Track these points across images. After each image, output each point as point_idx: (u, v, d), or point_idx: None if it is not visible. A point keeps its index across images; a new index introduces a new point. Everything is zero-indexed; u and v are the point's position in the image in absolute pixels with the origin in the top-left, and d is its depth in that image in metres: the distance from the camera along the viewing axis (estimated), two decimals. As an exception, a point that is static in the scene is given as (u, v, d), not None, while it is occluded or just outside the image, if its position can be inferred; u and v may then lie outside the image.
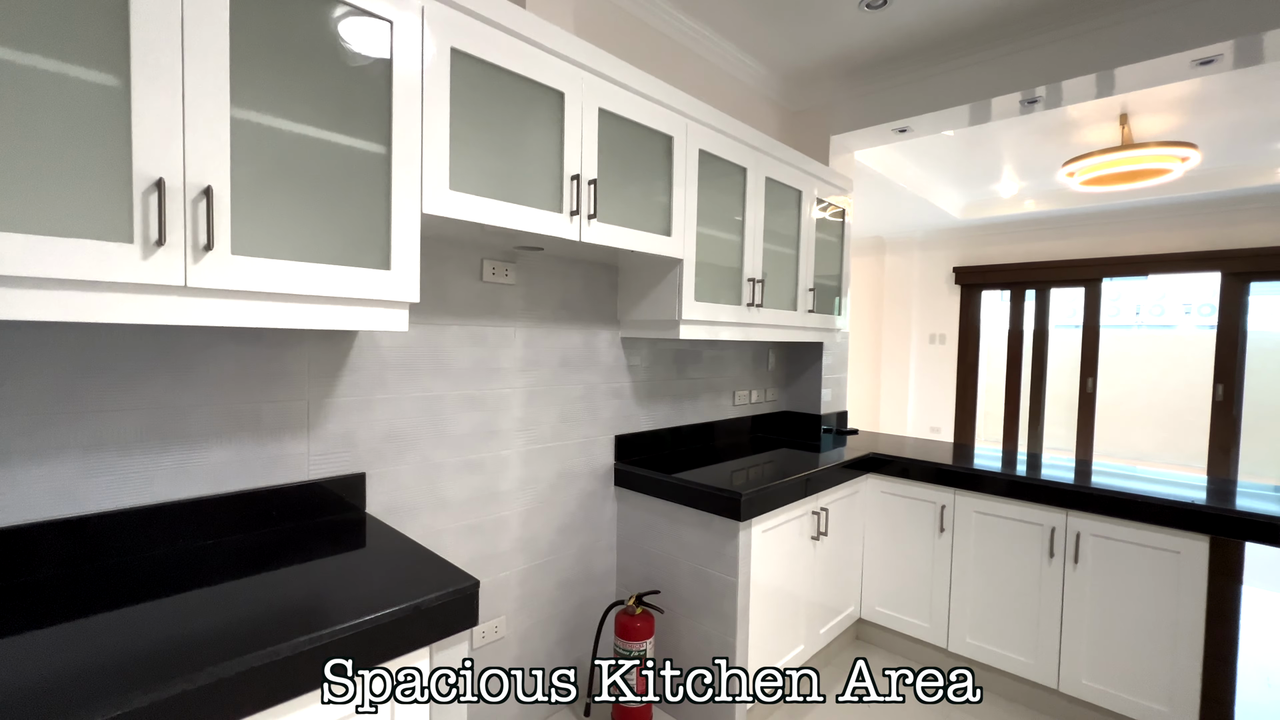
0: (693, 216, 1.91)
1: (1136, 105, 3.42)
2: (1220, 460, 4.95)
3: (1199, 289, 5.67)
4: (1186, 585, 1.80)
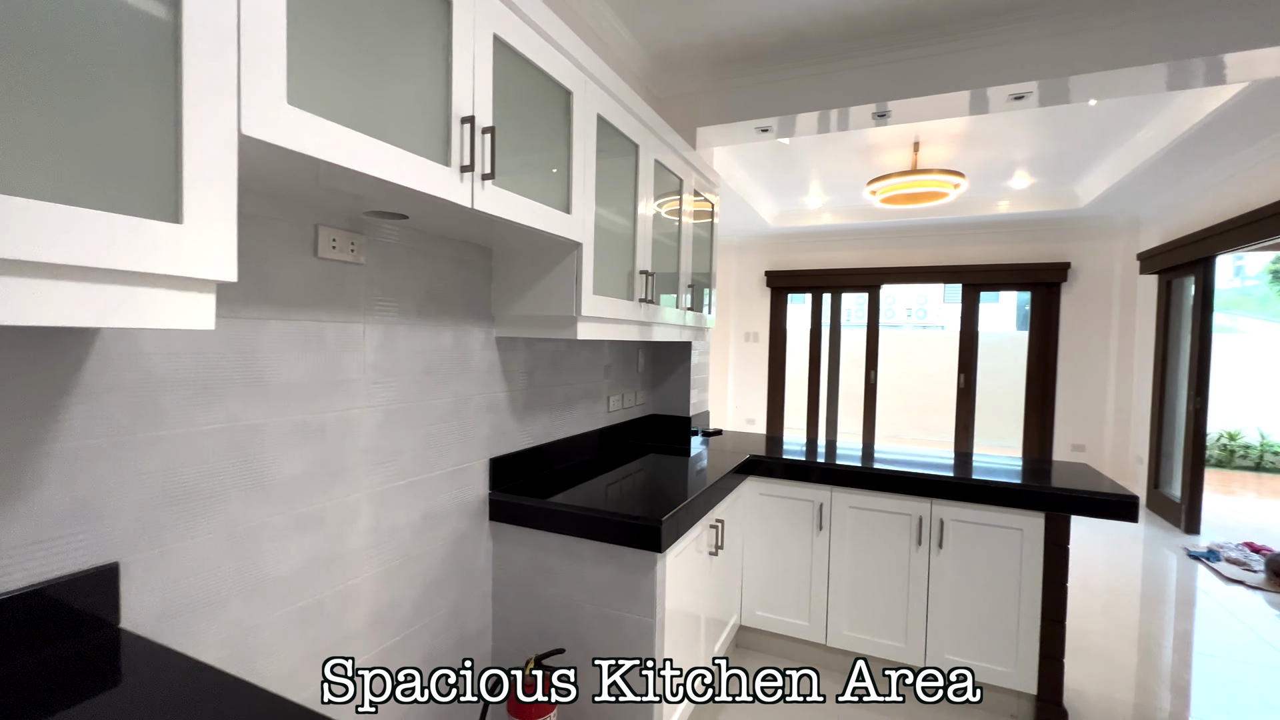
0: (591, 193, 1.60)
1: (927, 135, 3.97)
2: (963, 436, 6.11)
3: (949, 296, 6.97)
4: (1028, 558, 2.03)
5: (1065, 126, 3.74)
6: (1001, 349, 6.10)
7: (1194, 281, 4.35)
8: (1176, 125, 3.39)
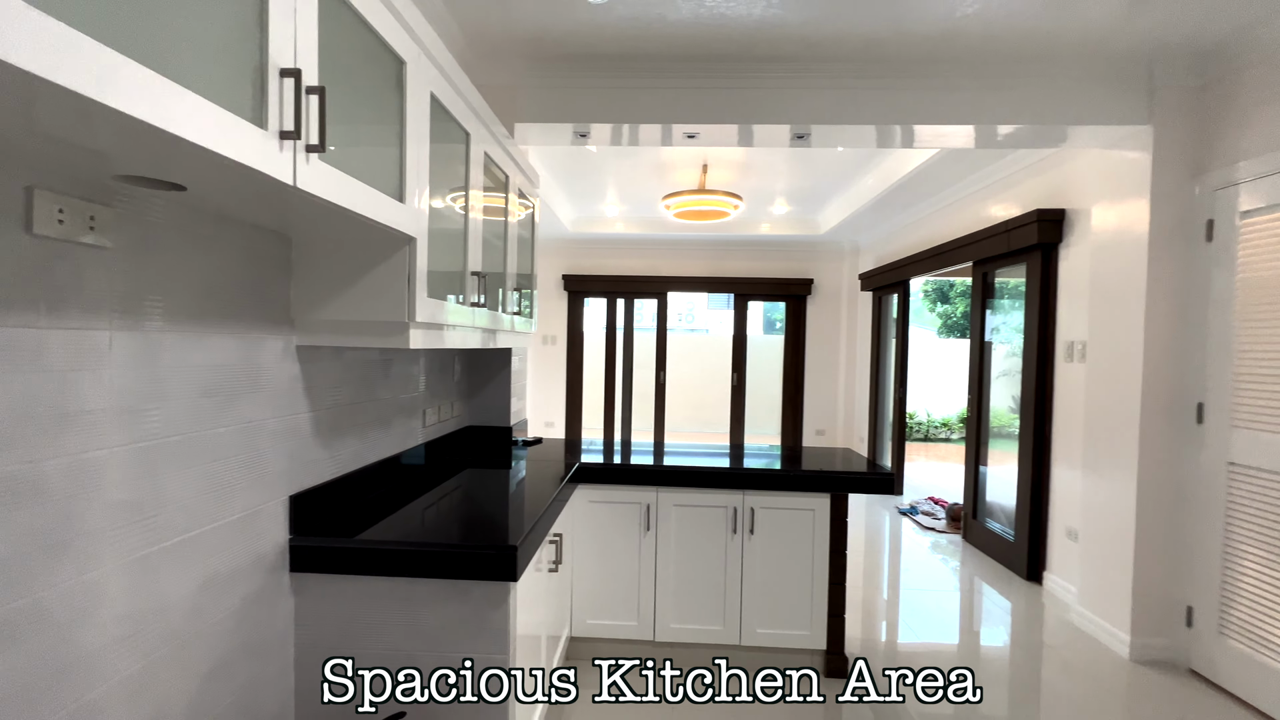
0: (426, 182, 1.40)
1: (714, 159, 4.39)
2: (737, 428, 6.93)
3: (713, 303, 7.83)
4: (819, 533, 2.37)
5: (816, 166, 4.48)
6: (760, 351, 7.08)
7: (897, 298, 5.59)
8: (889, 176, 4.30)
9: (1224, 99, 2.44)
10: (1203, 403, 2.49)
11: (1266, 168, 2.24)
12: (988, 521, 4.04)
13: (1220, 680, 2.38)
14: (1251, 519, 2.28)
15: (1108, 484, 2.77)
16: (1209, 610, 2.44)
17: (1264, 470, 2.24)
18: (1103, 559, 2.79)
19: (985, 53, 2.52)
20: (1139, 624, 2.60)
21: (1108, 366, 2.79)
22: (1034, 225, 3.39)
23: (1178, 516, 2.58)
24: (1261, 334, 2.27)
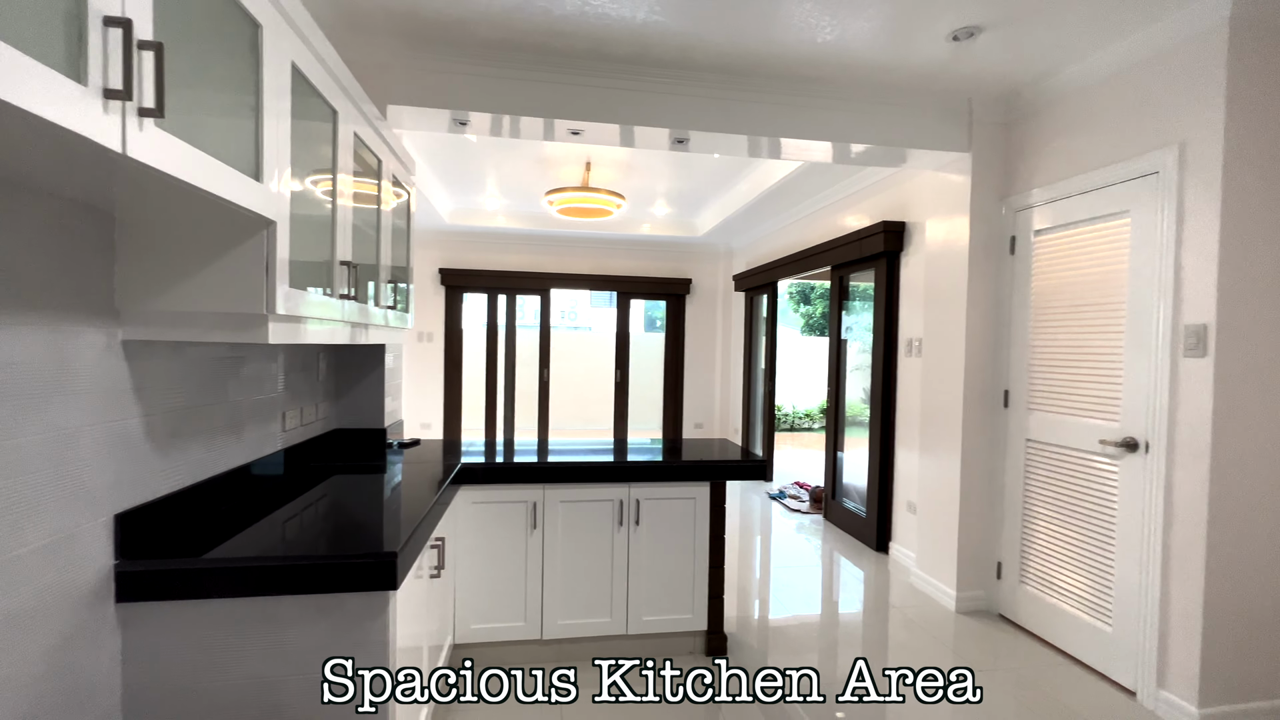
0: (287, 160, 1.28)
1: (597, 157, 4.42)
2: (620, 423, 7.05)
3: (596, 301, 7.89)
4: (700, 521, 2.49)
5: (695, 170, 4.68)
6: (642, 348, 7.26)
7: (766, 298, 6.00)
8: (759, 184, 4.61)
9: (1024, 135, 2.92)
10: (1008, 390, 2.97)
11: (1053, 195, 2.72)
12: (845, 501, 4.49)
13: (1021, 621, 2.86)
14: (1043, 485, 2.76)
15: (938, 462, 3.20)
16: (1013, 563, 2.91)
17: (1051, 444, 2.72)
18: (935, 527, 3.22)
19: (842, 78, 2.79)
20: (962, 580, 3.04)
21: (938, 361, 3.22)
22: (880, 235, 3.82)
23: (991, 487, 3.05)
24: (1049, 332, 2.75)
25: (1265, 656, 2.13)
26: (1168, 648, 2.18)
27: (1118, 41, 2.36)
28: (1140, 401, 2.30)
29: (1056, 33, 2.34)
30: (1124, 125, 2.40)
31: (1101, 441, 2.44)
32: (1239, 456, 2.07)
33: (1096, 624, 2.47)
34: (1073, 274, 2.63)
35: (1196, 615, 2.09)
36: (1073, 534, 2.60)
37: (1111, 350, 2.43)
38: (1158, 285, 2.24)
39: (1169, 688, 2.17)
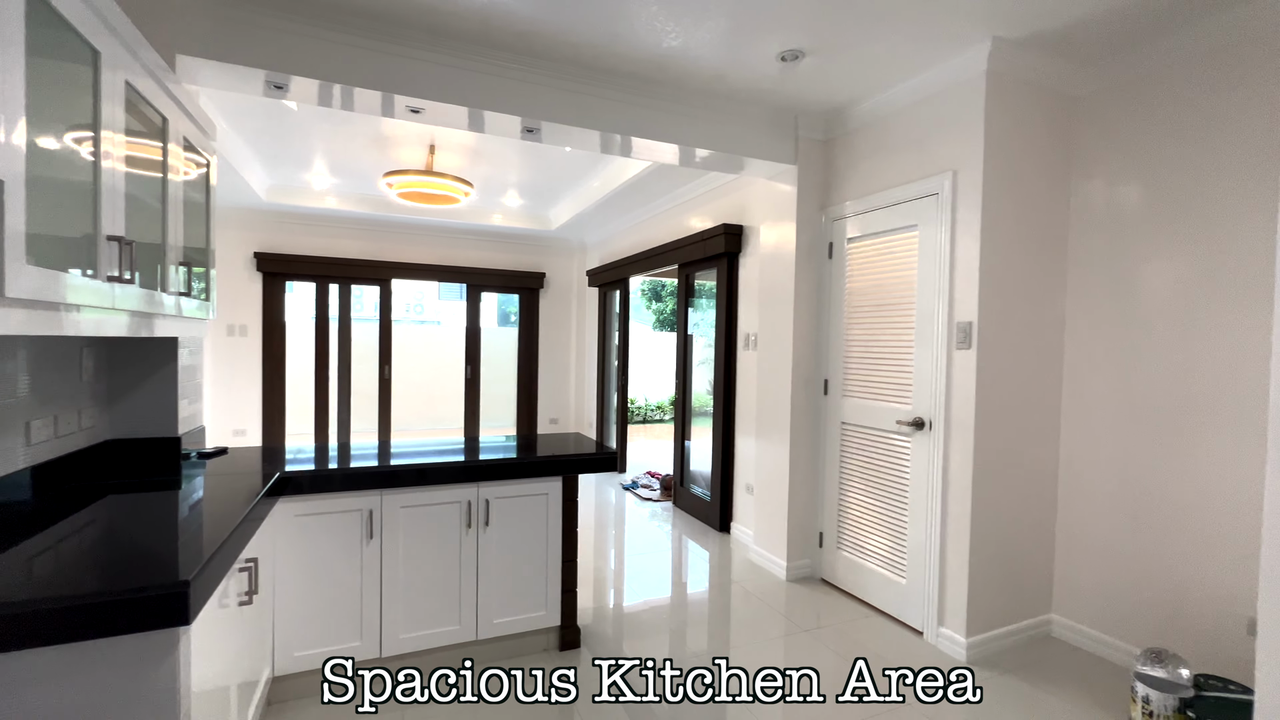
0: (19, 105, 1.03)
1: (442, 140, 4.18)
2: (472, 422, 6.76)
3: (445, 293, 7.46)
4: (552, 516, 2.47)
5: (547, 162, 4.62)
6: (495, 343, 7.04)
7: (619, 294, 6.12)
8: (612, 181, 4.69)
9: (839, 153, 3.29)
10: (828, 379, 3.34)
11: (861, 207, 3.11)
12: (692, 488, 4.75)
13: (839, 583, 3.25)
14: (855, 461, 3.16)
15: (771, 446, 3.51)
16: (831, 532, 3.30)
17: (861, 426, 3.11)
18: (768, 506, 3.53)
19: (689, 84, 2.92)
20: (792, 552, 3.38)
21: (771, 354, 3.53)
22: (721, 237, 4.09)
23: (814, 466, 3.41)
24: (859, 328, 3.14)
25: (1009, 591, 2.64)
26: (945, 592, 2.62)
27: (908, 80, 2.76)
28: (926, 387, 2.72)
29: (862, 67, 2.67)
30: (914, 151, 2.81)
31: (898, 422, 2.85)
32: (992, 429, 2.55)
33: (894, 578, 2.88)
34: (877, 277, 3.03)
35: (964, 562, 2.54)
36: (877, 503, 3.01)
37: (905, 344, 2.85)
38: (937, 289, 2.66)
39: (946, 625, 2.61)
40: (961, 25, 2.32)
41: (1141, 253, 2.46)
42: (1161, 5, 2.14)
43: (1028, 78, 2.55)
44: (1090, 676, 2.42)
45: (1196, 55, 2.29)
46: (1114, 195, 2.56)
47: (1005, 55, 2.45)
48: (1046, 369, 2.69)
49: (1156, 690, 1.98)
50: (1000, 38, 2.40)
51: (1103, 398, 2.59)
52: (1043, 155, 2.63)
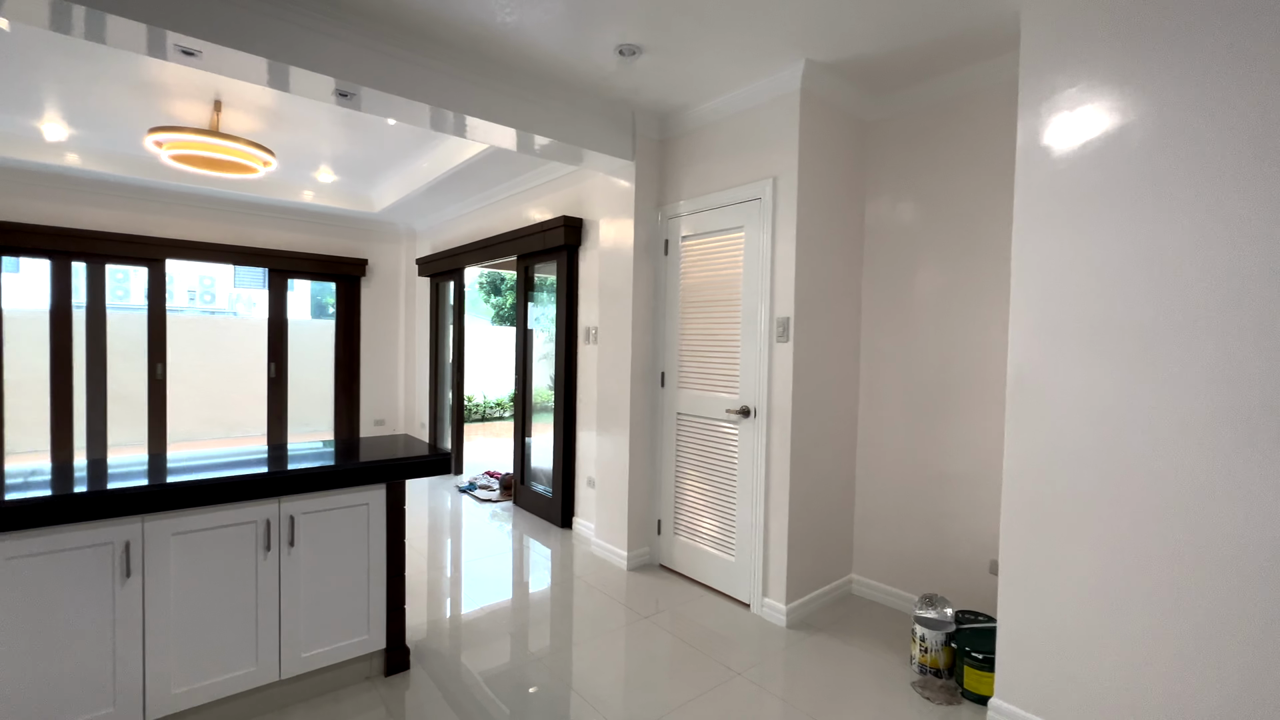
0: None
1: (232, 98, 3.55)
2: (277, 427, 5.89)
3: (242, 279, 6.41)
4: (375, 527, 2.21)
5: (368, 135, 4.17)
6: (308, 338, 6.22)
7: (453, 286, 5.76)
8: (444, 163, 4.38)
9: (674, 153, 3.41)
10: (664, 371, 3.46)
11: (694, 207, 3.25)
12: (533, 485, 4.64)
13: (676, 567, 3.39)
14: (690, 450, 3.31)
15: (612, 439, 3.54)
16: (669, 519, 3.43)
17: (695, 416, 3.27)
18: (609, 498, 3.56)
19: (528, 67, 2.80)
20: (632, 541, 3.45)
21: (611, 348, 3.56)
22: (561, 229, 4.03)
23: (652, 456, 3.52)
24: (693, 322, 3.29)
25: (820, 558, 2.97)
26: (768, 564, 2.86)
27: (737, 89, 2.94)
28: (751, 377, 2.94)
29: (695, 72, 2.78)
30: (741, 157, 3.01)
31: (727, 411, 3.04)
32: (806, 414, 2.83)
33: (725, 557, 3.08)
34: (709, 274, 3.20)
35: (784, 536, 2.79)
36: (710, 487, 3.19)
37: (733, 337, 3.04)
38: (761, 286, 2.88)
39: (769, 595, 2.85)
40: (780, 44, 2.52)
41: (915, 262, 2.90)
42: (923, 55, 2.53)
43: (833, 100, 2.87)
44: (882, 625, 2.81)
45: (952, 98, 2.74)
46: (895, 212, 2.98)
47: (815, 77, 2.72)
48: (848, 360, 3.06)
49: (929, 629, 2.35)
50: (812, 60, 2.65)
51: (890, 384, 3.01)
52: (845, 171, 2.98)
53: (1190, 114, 1.68)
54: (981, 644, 2.24)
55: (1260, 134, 1.57)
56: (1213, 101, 1.64)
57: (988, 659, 2.18)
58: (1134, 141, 1.78)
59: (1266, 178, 1.56)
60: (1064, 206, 1.92)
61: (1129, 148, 1.79)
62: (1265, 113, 1.56)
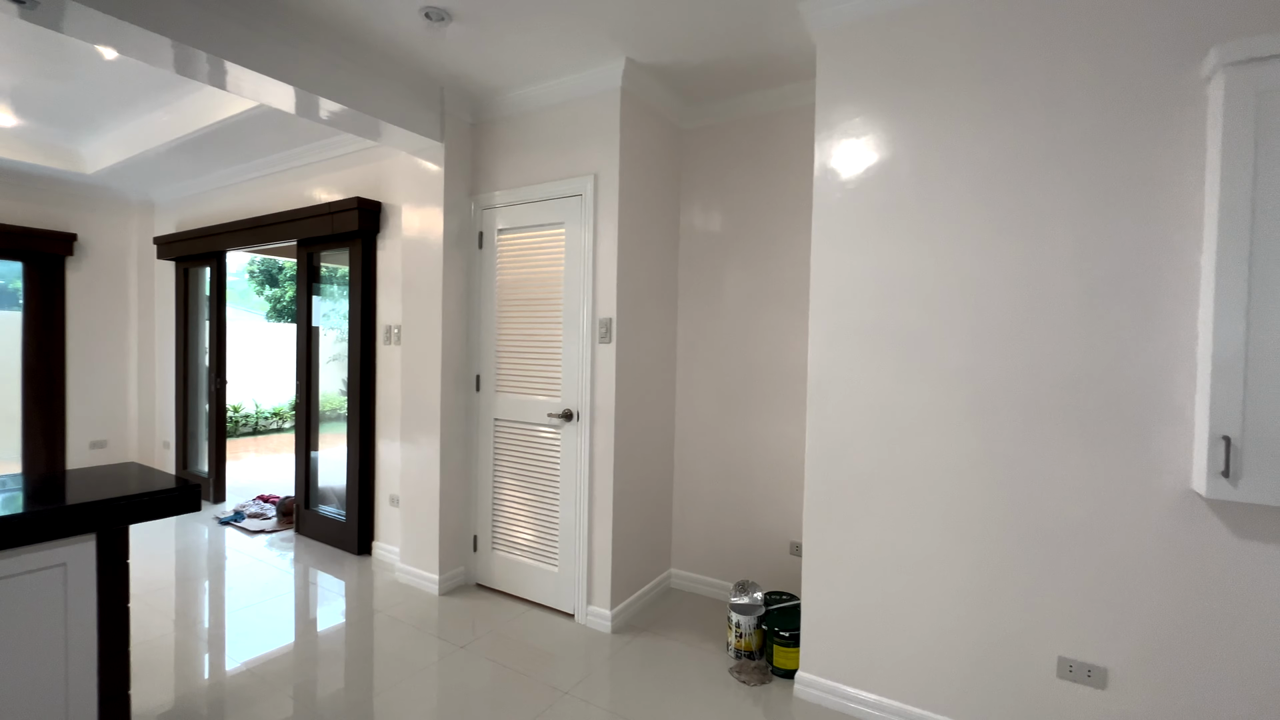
0: None
1: None
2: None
3: None
4: (79, 595, 1.63)
5: (72, 67, 3.17)
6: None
7: (210, 272, 4.72)
8: (194, 119, 3.53)
9: (489, 140, 3.16)
10: (480, 374, 3.20)
11: (511, 199, 3.05)
12: (321, 508, 3.99)
13: (495, 584, 3.15)
14: (508, 458, 3.10)
15: (420, 450, 3.18)
16: (486, 534, 3.18)
17: (514, 421, 3.07)
18: (418, 516, 3.19)
19: (317, 14, 2.34)
20: (444, 562, 3.13)
21: (418, 348, 3.19)
22: (355, 212, 3.51)
23: (467, 467, 3.23)
24: (512, 322, 3.09)
25: (642, 557, 2.99)
26: (593, 571, 2.79)
27: (558, 77, 2.82)
28: (574, 379, 2.84)
29: (512, 52, 2.59)
30: (562, 151, 2.89)
31: (549, 415, 2.91)
32: (629, 414, 2.82)
33: (548, 568, 2.94)
34: (529, 271, 3.03)
35: (608, 540, 2.74)
36: (530, 497, 3.02)
37: (554, 338, 2.92)
38: (582, 285, 2.80)
39: (594, 602, 2.79)
40: (601, 36, 2.45)
41: (723, 266, 3.08)
42: (736, 71, 2.69)
43: (652, 104, 2.90)
44: (702, 615, 2.92)
45: (763, 115, 2.96)
46: (706, 218, 3.13)
47: (636, 78, 2.72)
48: (666, 359, 3.14)
49: (743, 614, 2.49)
50: (633, 60, 2.64)
51: (702, 381, 3.15)
52: (663, 174, 3.04)
53: (941, 150, 1.98)
54: (787, 623, 2.43)
55: (989, 170, 1.91)
56: (956, 140, 1.96)
57: (793, 635, 2.37)
58: (904, 170, 2.05)
59: (992, 204, 1.90)
60: (852, 224, 2.15)
61: (901, 175, 2.06)
62: (991, 153, 1.91)
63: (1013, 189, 1.88)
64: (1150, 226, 1.70)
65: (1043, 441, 1.84)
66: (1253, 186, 1.50)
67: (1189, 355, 1.66)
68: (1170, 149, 1.68)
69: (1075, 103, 1.79)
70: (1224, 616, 1.63)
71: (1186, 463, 1.66)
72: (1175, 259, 1.67)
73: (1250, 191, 1.50)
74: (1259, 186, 1.49)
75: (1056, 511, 1.83)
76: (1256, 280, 1.50)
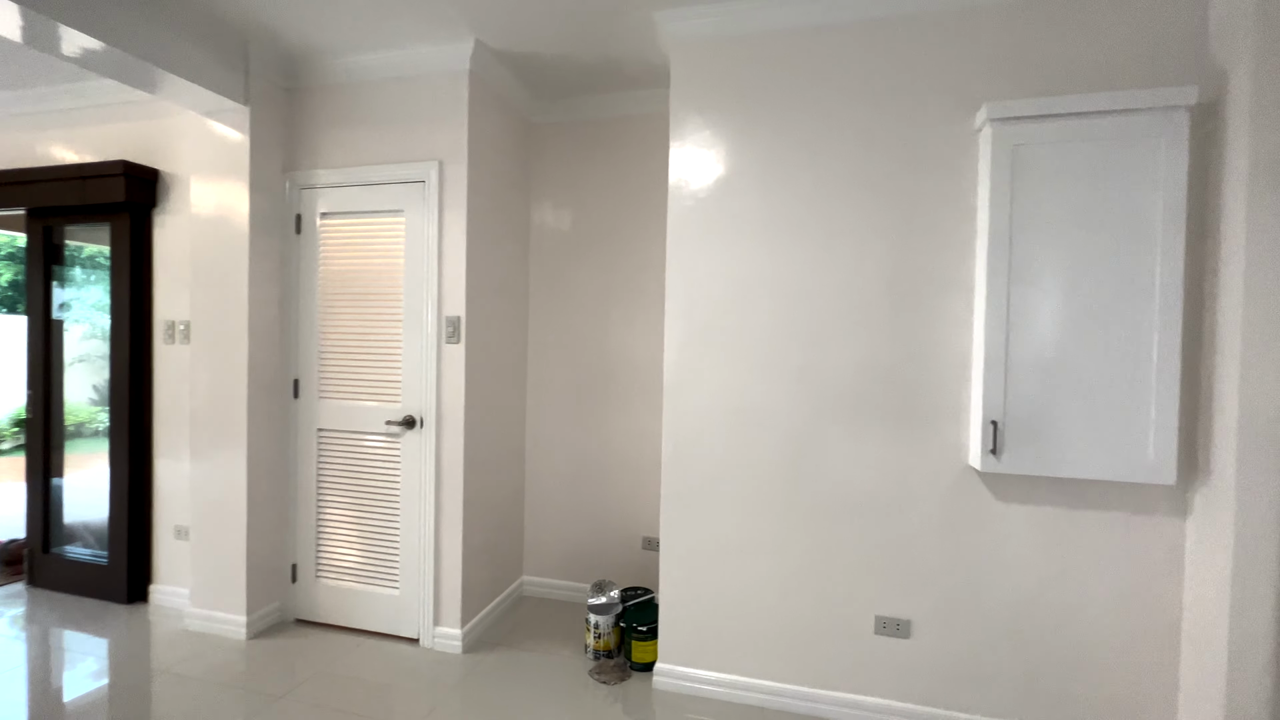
0: None
1: None
2: None
3: None
4: None
5: None
6: None
7: (-123, 244, 3.46)
8: None
9: (309, 110, 2.75)
10: (298, 379, 2.78)
11: (337, 180, 2.69)
12: (68, 550, 3.15)
13: (320, 616, 2.76)
14: (336, 473, 2.74)
15: (219, 469, 2.66)
16: (308, 561, 2.77)
17: (343, 431, 2.72)
18: (216, 548, 2.67)
19: (42, -86, 1.81)
20: (253, 600, 2.66)
21: (215, 349, 2.67)
22: (120, 179, 2.82)
23: (282, 486, 2.78)
24: (339, 319, 2.73)
25: (493, 569, 2.84)
26: (440, 590, 2.58)
27: (395, 49, 2.54)
28: (417, 383, 2.60)
29: (333, 7, 2.29)
30: (401, 131, 2.61)
31: (387, 422, 2.62)
32: (479, 419, 2.66)
33: (387, 591, 2.65)
34: (360, 262, 2.70)
35: (458, 554, 2.55)
36: (365, 514, 2.70)
37: (393, 338, 2.64)
38: (426, 280, 2.57)
39: (442, 623, 2.57)
40: (447, 9, 2.27)
41: (575, 264, 3.05)
42: (589, 70, 2.68)
43: (503, 93, 2.76)
44: (558, 621, 2.86)
45: (616, 117, 2.98)
46: (558, 216, 3.08)
47: (486, 63, 2.57)
48: (517, 359, 3.02)
49: (600, 615, 2.48)
50: (482, 43, 2.49)
51: (554, 381, 3.09)
52: (513, 167, 2.91)
53: (782, 168, 2.17)
54: (644, 617, 2.48)
55: (820, 190, 2.14)
56: (794, 159, 2.16)
57: (651, 629, 2.43)
58: (750, 183, 2.21)
59: (824, 219, 2.13)
60: (702, 231, 2.26)
61: (747, 187, 2.21)
62: (818, 176, 2.14)
63: (838, 208, 2.12)
64: (939, 248, 2.04)
65: (861, 430, 2.11)
66: (1009, 220, 1.87)
67: (968, 354, 2.02)
68: (956, 183, 2.02)
69: (884, 139, 2.08)
70: (989, 565, 2.02)
71: (966, 443, 2.02)
72: (956, 275, 2.03)
73: (1008, 223, 1.87)
74: (1015, 219, 1.87)
75: (870, 490, 2.11)
76: (1014, 294, 1.87)
